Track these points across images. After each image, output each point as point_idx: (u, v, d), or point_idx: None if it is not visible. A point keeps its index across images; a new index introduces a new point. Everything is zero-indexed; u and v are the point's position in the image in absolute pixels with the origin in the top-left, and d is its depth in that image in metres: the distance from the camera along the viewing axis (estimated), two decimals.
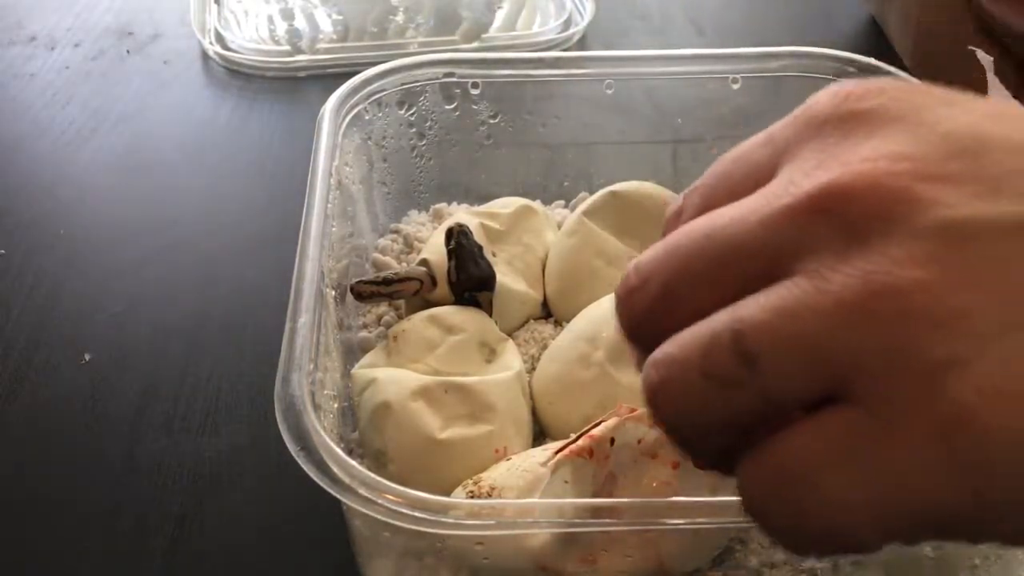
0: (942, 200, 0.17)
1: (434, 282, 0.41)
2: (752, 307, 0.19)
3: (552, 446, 0.34)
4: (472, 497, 0.32)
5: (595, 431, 0.32)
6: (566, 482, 0.31)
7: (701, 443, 0.21)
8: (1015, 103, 0.18)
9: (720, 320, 0.19)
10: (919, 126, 0.19)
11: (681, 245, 0.20)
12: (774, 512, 0.19)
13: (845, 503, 0.18)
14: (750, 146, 0.22)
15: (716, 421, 0.20)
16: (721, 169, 0.22)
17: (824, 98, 0.20)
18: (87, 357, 0.45)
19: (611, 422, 0.32)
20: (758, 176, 0.21)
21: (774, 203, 0.19)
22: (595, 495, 0.31)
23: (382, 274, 0.40)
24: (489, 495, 0.32)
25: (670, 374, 0.20)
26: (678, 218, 0.22)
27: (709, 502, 0.29)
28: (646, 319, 0.21)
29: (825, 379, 0.18)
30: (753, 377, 0.18)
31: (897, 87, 0.20)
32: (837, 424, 0.18)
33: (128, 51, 0.70)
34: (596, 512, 0.28)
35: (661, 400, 0.20)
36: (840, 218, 0.18)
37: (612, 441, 0.32)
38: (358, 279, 0.39)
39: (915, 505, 0.17)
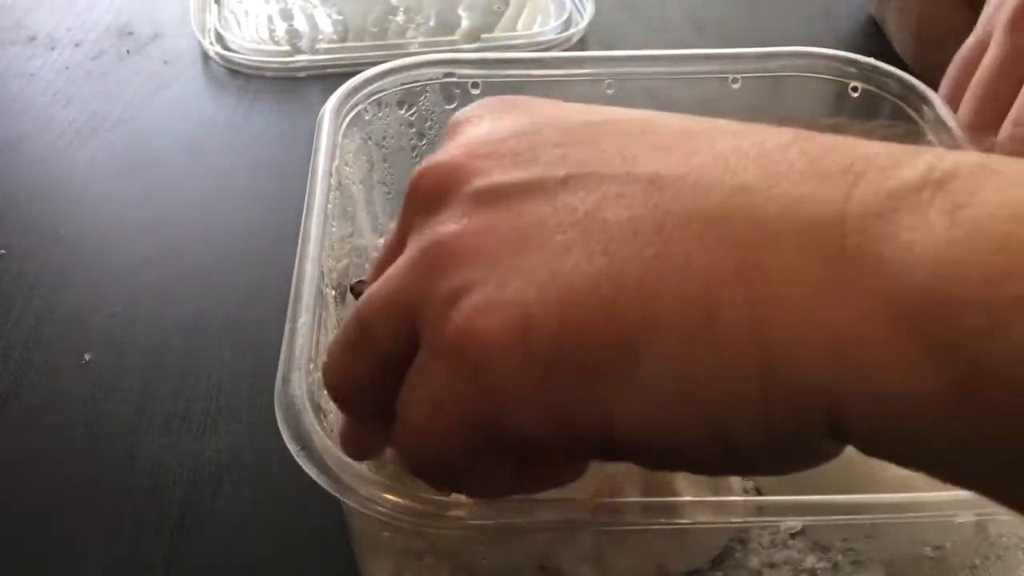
0: (486, 170, 0.22)
1: None
2: (375, 284, 0.23)
3: None
4: None
5: None
6: None
7: (357, 409, 0.25)
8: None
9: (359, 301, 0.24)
10: (497, 120, 0.24)
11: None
12: (409, 462, 0.23)
13: (418, 430, 0.22)
14: None
15: (356, 385, 0.24)
16: None
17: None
18: (87, 357, 0.45)
19: None
20: None
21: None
22: (595, 495, 0.31)
23: None
24: None
25: (331, 348, 0.25)
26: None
27: (709, 502, 0.29)
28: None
29: (407, 328, 0.22)
30: (367, 338, 0.23)
31: (505, 99, 0.25)
32: (414, 367, 0.22)
33: (128, 51, 0.70)
34: (596, 512, 0.28)
35: (324, 370, 0.25)
36: (420, 195, 0.23)
37: None
38: (358, 279, 0.39)
39: (454, 412, 0.21)
